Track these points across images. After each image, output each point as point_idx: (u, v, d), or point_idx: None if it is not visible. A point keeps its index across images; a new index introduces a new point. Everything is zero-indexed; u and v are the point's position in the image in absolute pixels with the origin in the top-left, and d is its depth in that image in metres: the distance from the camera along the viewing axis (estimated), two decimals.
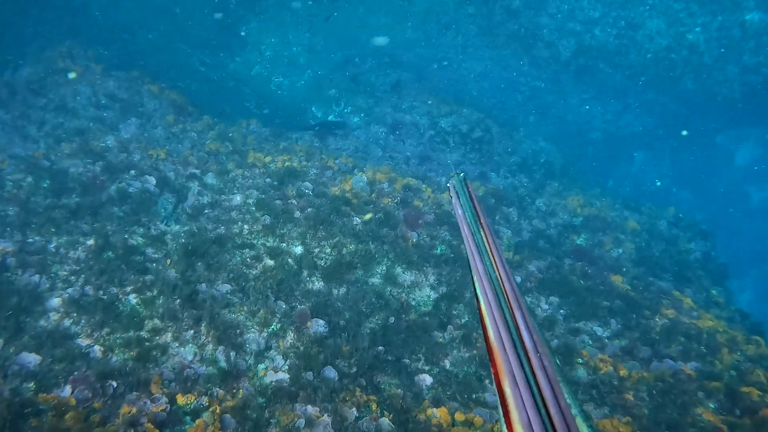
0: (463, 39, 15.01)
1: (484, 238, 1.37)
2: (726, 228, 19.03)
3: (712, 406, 5.62)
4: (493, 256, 1.33)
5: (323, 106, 14.84)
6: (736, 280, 20.39)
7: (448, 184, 1.62)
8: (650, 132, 16.57)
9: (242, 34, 15.20)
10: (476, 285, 1.29)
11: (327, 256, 6.79)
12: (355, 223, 7.37)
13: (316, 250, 6.81)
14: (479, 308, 1.25)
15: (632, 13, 13.41)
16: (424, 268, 7.10)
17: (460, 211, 1.50)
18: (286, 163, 9.32)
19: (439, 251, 7.54)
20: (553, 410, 1.01)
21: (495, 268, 1.30)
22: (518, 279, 7.82)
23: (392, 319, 6.44)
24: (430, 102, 13.84)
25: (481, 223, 1.42)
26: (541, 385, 1.04)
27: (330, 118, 14.35)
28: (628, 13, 13.35)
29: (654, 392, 5.71)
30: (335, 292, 6.53)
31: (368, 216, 7.34)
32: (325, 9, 14.66)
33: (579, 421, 1.00)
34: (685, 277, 9.98)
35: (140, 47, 13.30)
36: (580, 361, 6.25)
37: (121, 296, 5.84)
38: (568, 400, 1.03)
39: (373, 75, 15.04)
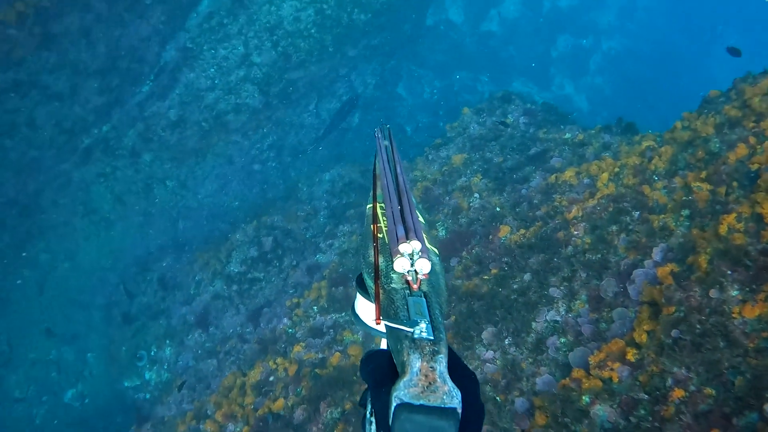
0: (173, 183, 12.67)
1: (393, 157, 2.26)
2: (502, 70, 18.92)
3: (735, 293, 3.90)
4: (395, 162, 2.19)
5: (131, 370, 11.69)
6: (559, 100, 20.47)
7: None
8: (382, 67, 15.68)
9: None
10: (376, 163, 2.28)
11: None
12: None
13: None
14: (374, 167, 2.28)
15: (261, 21, 12.08)
16: None
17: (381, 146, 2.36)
18: None
19: None
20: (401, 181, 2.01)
21: (393, 160, 2.21)
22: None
23: None
24: (207, 261, 11.35)
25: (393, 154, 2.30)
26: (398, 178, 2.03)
27: (146, 375, 11.23)
28: (255, 26, 12.00)
29: (686, 359, 3.84)
30: None
31: None
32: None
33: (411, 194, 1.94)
34: (537, 155, 8.63)
35: None
36: (586, 400, 4.22)
37: None
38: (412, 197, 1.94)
39: (139, 296, 12.17)
